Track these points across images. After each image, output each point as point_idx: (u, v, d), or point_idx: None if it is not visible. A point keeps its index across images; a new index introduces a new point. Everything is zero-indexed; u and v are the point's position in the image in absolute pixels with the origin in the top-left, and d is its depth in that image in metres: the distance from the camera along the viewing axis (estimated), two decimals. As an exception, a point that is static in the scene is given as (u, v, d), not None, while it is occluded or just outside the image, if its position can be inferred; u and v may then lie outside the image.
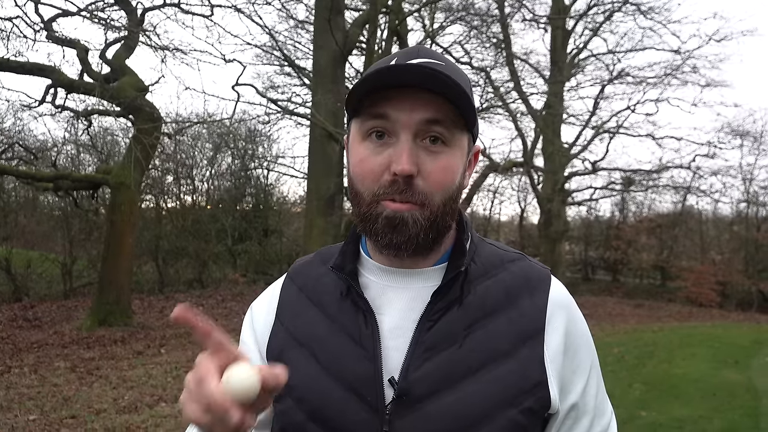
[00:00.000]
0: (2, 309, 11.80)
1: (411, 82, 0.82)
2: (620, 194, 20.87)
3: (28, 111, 12.06)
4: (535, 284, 0.94)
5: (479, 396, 0.84)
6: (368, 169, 0.86)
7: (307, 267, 1.03)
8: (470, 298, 0.90)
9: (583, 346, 0.94)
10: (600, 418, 0.94)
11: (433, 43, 15.05)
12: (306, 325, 0.94)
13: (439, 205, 0.86)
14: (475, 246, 0.96)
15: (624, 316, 14.39)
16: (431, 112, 0.83)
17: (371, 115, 0.85)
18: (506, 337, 0.87)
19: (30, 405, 5.67)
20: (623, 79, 16.70)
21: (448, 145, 0.86)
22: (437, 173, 0.85)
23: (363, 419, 0.85)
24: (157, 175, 17.53)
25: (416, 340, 0.87)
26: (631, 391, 6.47)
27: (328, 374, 0.88)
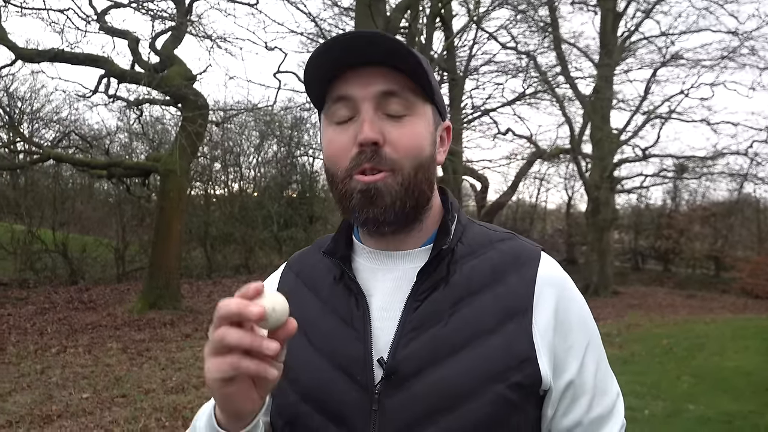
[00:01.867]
0: (60, 291, 12.31)
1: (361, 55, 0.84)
2: (672, 182, 20.28)
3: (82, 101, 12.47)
4: (524, 261, 0.93)
5: (465, 372, 0.84)
6: (337, 147, 0.89)
7: (304, 255, 1.07)
8: (456, 277, 0.90)
9: (578, 324, 0.92)
10: (601, 397, 0.92)
11: (479, 29, 14.87)
12: (301, 309, 0.94)
13: (410, 171, 0.87)
14: (462, 227, 0.96)
15: (674, 307, 14.00)
16: (388, 84, 0.86)
17: (333, 100, 0.89)
18: (492, 313, 0.88)
19: (84, 384, 5.91)
20: (677, 62, 16.18)
21: (410, 114, 0.88)
22: (403, 140, 0.87)
23: (353, 399, 0.86)
24: (206, 163, 17.93)
25: (404, 319, 0.88)
26: (678, 384, 6.31)
27: (321, 356, 0.90)
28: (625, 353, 8.09)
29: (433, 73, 0.91)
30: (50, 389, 5.66)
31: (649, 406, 5.50)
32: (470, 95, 16.54)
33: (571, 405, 0.90)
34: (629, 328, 10.27)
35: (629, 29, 16.78)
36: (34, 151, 12.75)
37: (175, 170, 10.33)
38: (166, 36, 11.35)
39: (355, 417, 0.86)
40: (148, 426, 4.77)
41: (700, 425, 4.90)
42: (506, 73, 15.72)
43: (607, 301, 14.61)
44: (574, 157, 17.09)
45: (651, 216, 22.61)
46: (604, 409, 0.92)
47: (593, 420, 0.91)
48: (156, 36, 11.31)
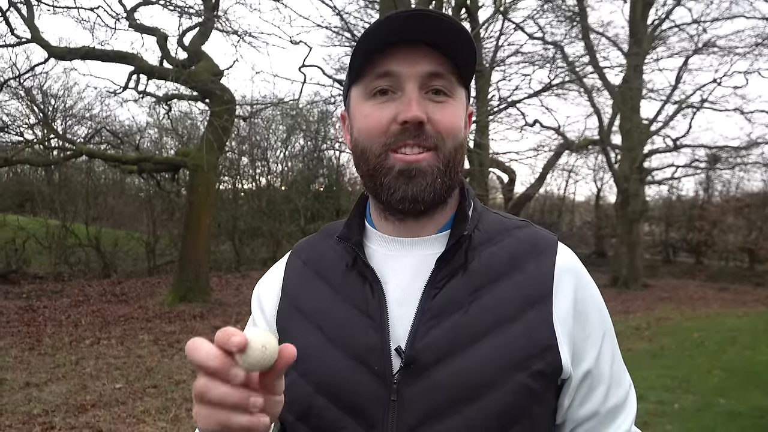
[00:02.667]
0: (93, 284, 12.59)
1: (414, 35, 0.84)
2: (705, 172, 19.88)
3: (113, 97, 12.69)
4: (541, 249, 0.92)
5: (487, 361, 0.83)
6: (375, 121, 0.87)
7: (310, 242, 1.04)
8: (474, 264, 0.89)
9: (595, 313, 0.92)
10: (616, 387, 0.92)
11: (505, 19, 14.72)
12: (311, 298, 0.94)
13: (451, 151, 0.88)
14: (478, 214, 0.95)
15: (706, 300, 13.75)
16: (434, 65, 0.86)
17: (375, 75, 0.87)
18: (512, 301, 0.86)
19: (116, 374, 6.05)
20: (709, 50, 15.84)
21: (450, 96, 0.88)
22: (445, 120, 0.87)
23: (371, 390, 0.84)
24: (234, 157, 18.12)
25: (422, 307, 0.86)
26: (709, 378, 6.21)
27: (334, 345, 0.88)
28: (655, 346, 7.98)
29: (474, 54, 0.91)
30: (84, 380, 5.81)
31: (679, 400, 5.43)
32: (497, 87, 16.41)
33: (588, 395, 0.90)
34: (659, 321, 10.13)
35: (660, 17, 16.45)
36: (68, 148, 13.04)
37: (203, 165, 10.47)
38: (194, 32, 11.49)
39: (372, 408, 0.84)
40: (179, 416, 4.87)
41: (730, 420, 4.82)
42: (533, 63, 15.55)
43: (636, 294, 14.41)
44: (603, 148, 16.84)
45: (683, 207, 22.22)
46: (619, 399, 0.92)
47: (609, 410, 0.91)
48: (184, 32, 11.45)
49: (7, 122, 15.08)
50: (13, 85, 13.38)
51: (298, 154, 19.70)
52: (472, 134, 13.91)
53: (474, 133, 13.82)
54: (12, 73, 12.73)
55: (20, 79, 12.87)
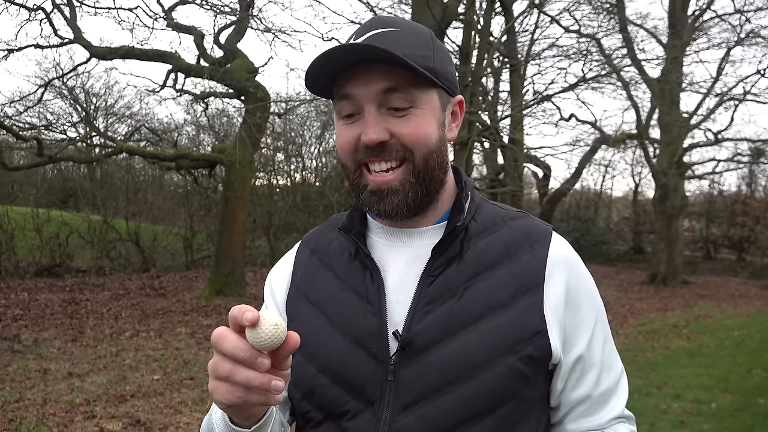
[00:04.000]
0: (133, 278, 12.91)
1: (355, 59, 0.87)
2: (748, 167, 19.33)
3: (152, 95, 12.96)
4: (536, 239, 0.95)
5: (478, 344, 0.87)
6: (344, 142, 0.93)
7: (318, 233, 1.09)
8: (470, 253, 0.93)
9: (587, 301, 0.95)
10: (608, 372, 0.96)
11: (540, 12, 14.54)
12: (317, 285, 1.00)
13: (421, 160, 0.90)
14: (476, 205, 0.99)
15: (748, 297, 13.39)
16: (387, 82, 0.88)
17: (339, 97, 0.92)
18: (505, 288, 0.91)
19: (155, 366, 6.22)
20: (752, 40, 15.35)
21: (413, 106, 0.90)
22: (409, 134, 0.89)
23: (369, 370, 0.90)
24: (269, 154, 18.33)
25: (418, 294, 0.91)
26: (749, 377, 6.07)
27: (337, 329, 0.94)
28: (694, 345, 7.83)
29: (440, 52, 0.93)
30: (124, 371, 5.98)
31: (716, 400, 5.33)
32: (532, 81, 16.21)
33: (580, 379, 0.94)
34: (698, 319, 9.91)
35: (700, 7, 16.03)
36: (109, 145, 13.38)
37: (238, 161, 10.63)
38: (229, 30, 11.65)
39: (371, 387, 0.90)
40: (214, 407, 4.98)
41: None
42: (569, 57, 15.30)
43: (675, 291, 14.12)
44: (641, 142, 16.53)
45: (724, 203, 21.66)
46: (611, 384, 0.96)
47: (601, 393, 0.95)
48: (219, 31, 11.63)
49: (52, 121, 15.56)
50: (57, 85, 13.81)
51: (332, 150, 19.82)
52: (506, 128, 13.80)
53: (508, 128, 13.70)
54: (56, 72, 13.11)
55: (63, 78, 13.26)
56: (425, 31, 0.94)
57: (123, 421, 4.59)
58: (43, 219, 14.00)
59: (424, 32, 0.93)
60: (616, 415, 0.96)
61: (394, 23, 0.91)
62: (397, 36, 0.89)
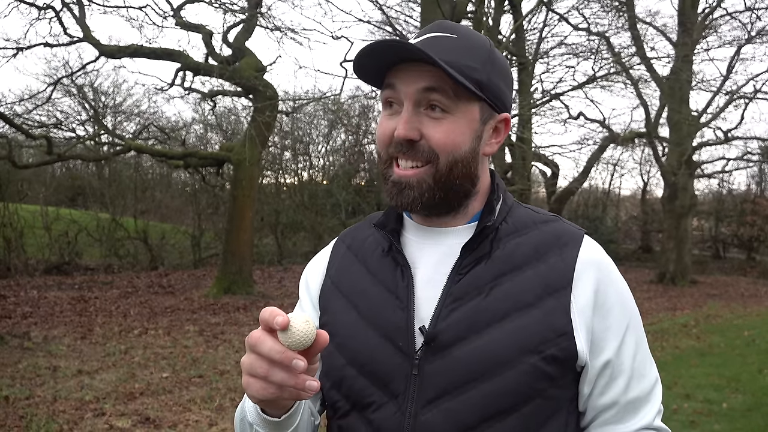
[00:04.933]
0: (141, 276, 12.97)
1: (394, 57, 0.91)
2: (758, 165, 19.19)
3: (160, 94, 12.99)
4: (566, 242, 0.96)
5: (502, 342, 0.88)
6: (381, 132, 0.96)
7: (355, 229, 1.13)
8: (498, 253, 0.94)
9: (618, 306, 0.94)
10: (639, 380, 0.94)
11: (549, 10, 14.47)
12: (350, 279, 1.03)
13: (445, 166, 0.92)
14: (508, 207, 1.00)
15: (758, 297, 13.30)
16: (429, 81, 0.90)
17: (385, 86, 0.95)
18: (532, 289, 0.91)
19: (163, 364, 6.23)
20: (763, 38, 15.21)
21: (449, 112, 0.92)
22: (438, 137, 0.91)
23: (395, 364, 0.92)
24: (276, 152, 18.35)
25: (446, 291, 0.93)
26: (760, 377, 6.03)
27: (367, 323, 0.97)
28: (703, 344, 7.78)
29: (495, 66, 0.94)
30: (133, 368, 6.00)
31: (727, 400, 5.29)
32: (540, 79, 16.16)
33: (608, 385, 0.93)
34: (708, 319, 9.86)
35: (710, 5, 15.90)
36: (117, 143, 13.41)
37: (246, 160, 10.64)
38: (238, 29, 11.66)
39: (396, 381, 0.92)
40: (223, 405, 4.99)
41: (782, 421, 4.67)
42: (578, 55, 15.25)
43: (684, 290, 14.05)
44: (650, 141, 16.42)
45: (734, 202, 21.50)
46: (642, 392, 0.95)
47: (630, 401, 0.94)
48: (228, 29, 11.64)
49: (61, 119, 15.60)
50: (66, 83, 13.83)
51: (339, 148, 19.86)
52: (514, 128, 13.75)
53: (516, 126, 13.65)
54: (65, 71, 13.15)
55: (72, 77, 13.29)
56: (484, 44, 0.95)
57: (132, 419, 4.60)
58: (52, 217, 14.08)
59: (482, 44, 0.94)
60: (645, 425, 0.94)
61: (455, 30, 0.94)
62: (451, 43, 0.91)
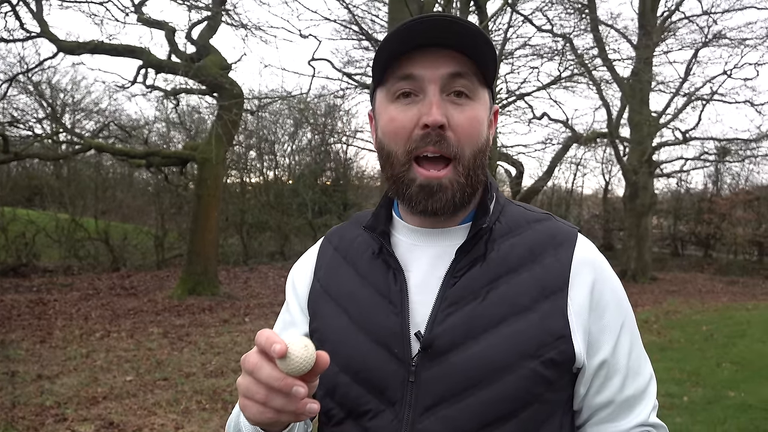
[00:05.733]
0: (102, 278, 12.67)
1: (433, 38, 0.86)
2: (714, 165, 19.74)
3: (121, 91, 12.70)
4: (560, 242, 0.94)
5: (501, 347, 0.86)
6: (399, 126, 0.89)
7: (343, 229, 1.08)
8: (493, 255, 0.92)
9: (613, 305, 0.93)
10: (634, 378, 0.94)
11: (513, 11, 14.63)
12: (339, 283, 0.99)
13: (470, 158, 0.89)
14: (501, 206, 0.98)
15: (715, 293, 13.69)
16: (455, 66, 0.87)
17: (398, 78, 0.89)
18: (528, 291, 0.89)
19: (127, 367, 6.10)
20: (719, 42, 15.65)
21: (472, 98, 0.89)
22: (465, 125, 0.88)
23: (391, 371, 0.89)
24: (241, 151, 18.15)
25: (441, 295, 0.90)
26: (719, 371, 6.20)
27: (359, 328, 0.93)
28: (664, 340, 7.97)
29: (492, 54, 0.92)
30: (95, 372, 5.85)
31: (688, 393, 5.42)
32: (505, 80, 16.31)
33: (604, 384, 0.92)
34: (668, 315, 10.10)
35: (669, 9, 16.31)
36: (76, 142, 13.09)
37: (211, 159, 10.50)
38: (202, 26, 11.49)
39: (392, 388, 0.89)
40: (189, 408, 4.90)
41: (741, 412, 4.81)
42: (542, 56, 15.44)
43: (644, 287, 14.37)
44: (612, 141, 16.75)
45: (691, 201, 22.07)
46: (637, 390, 0.94)
47: (625, 399, 0.93)
48: (192, 26, 11.46)
49: (17, 117, 15.12)
50: (22, 80, 13.42)
51: (305, 147, 19.74)
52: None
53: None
54: (21, 67, 12.76)
55: (29, 73, 12.91)
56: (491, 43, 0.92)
57: (96, 424, 4.49)
58: (8, 218, 13.66)
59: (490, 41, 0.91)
60: (640, 422, 0.94)
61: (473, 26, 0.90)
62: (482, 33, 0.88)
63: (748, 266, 19.07)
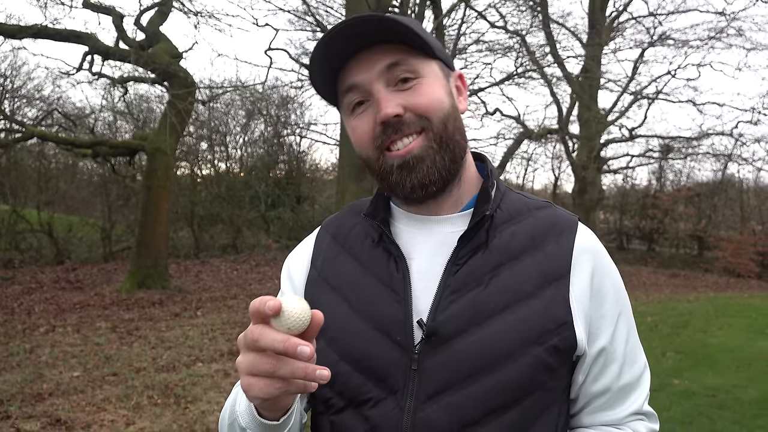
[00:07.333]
0: (46, 271, 12.21)
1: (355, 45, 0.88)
2: (658, 162, 20.44)
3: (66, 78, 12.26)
4: (561, 229, 0.95)
5: (504, 334, 0.86)
6: (362, 132, 0.92)
7: (339, 218, 1.08)
8: (496, 242, 0.92)
9: (612, 292, 0.95)
10: (630, 366, 0.96)
11: (468, 7, 14.75)
12: (338, 271, 0.98)
13: (439, 124, 0.89)
14: (501, 194, 0.98)
15: (659, 285, 14.20)
16: (388, 58, 0.88)
17: (344, 92, 0.92)
18: (531, 278, 0.89)
19: (74, 362, 5.90)
20: (664, 42, 16.19)
21: (420, 76, 0.90)
22: (421, 101, 0.89)
23: (393, 359, 0.88)
24: (192, 142, 17.76)
25: (444, 283, 0.90)
26: (664, 360, 6.43)
27: (360, 317, 0.92)
28: (612, 331, 8.21)
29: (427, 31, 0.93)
30: (40, 368, 5.64)
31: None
32: (458, 75, 16.45)
33: (602, 371, 0.93)
34: (615, 307, 10.40)
35: (617, 9, 16.77)
36: (17, 130, 12.55)
37: (162, 149, 10.23)
38: (152, 12, 11.16)
39: (394, 376, 0.88)
40: (141, 403, 4.78)
41: (684, 399, 5.00)
42: (495, 52, 15.65)
43: (592, 280, 14.76)
44: (562, 137, 17.14)
45: (636, 196, 22.80)
46: (633, 378, 0.96)
47: (622, 387, 0.95)
48: (142, 12, 11.11)
49: (-48, 102, 14.41)
50: (-42, 64, 12.79)
51: (258, 139, 19.46)
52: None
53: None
54: (-43, 51, 12.15)
55: (-34, 57, 12.31)
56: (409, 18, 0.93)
57: (41, 421, 4.33)
58: (-57, 208, 13.02)
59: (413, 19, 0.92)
60: (635, 410, 0.96)
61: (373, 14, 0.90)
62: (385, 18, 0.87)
63: (689, 260, 19.85)
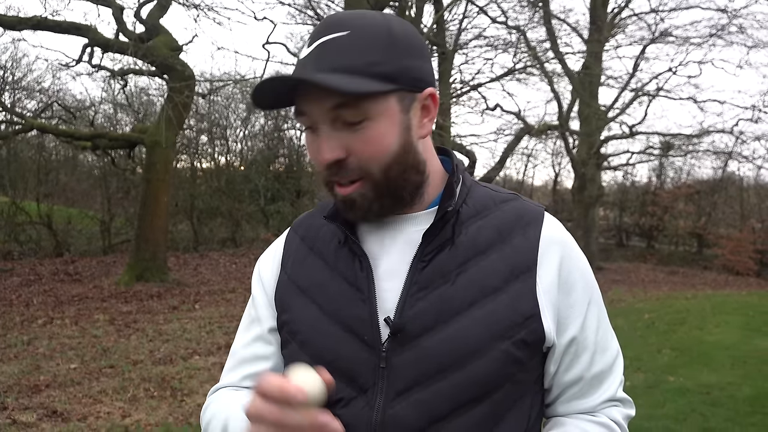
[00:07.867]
0: (45, 263, 12.24)
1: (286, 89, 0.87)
2: (658, 159, 20.43)
3: (66, 70, 12.25)
4: (528, 221, 0.94)
5: (472, 330, 0.86)
6: (312, 157, 0.92)
7: (308, 218, 1.07)
8: (462, 238, 0.91)
9: (580, 282, 0.94)
10: (602, 354, 0.96)
11: (469, 2, 14.73)
12: (307, 273, 0.98)
13: (379, 175, 0.88)
14: (467, 189, 0.96)
15: (657, 282, 14.22)
16: (335, 98, 0.84)
17: (296, 114, 0.91)
18: (498, 273, 0.89)
19: (71, 354, 5.92)
20: (666, 39, 16.16)
21: (367, 118, 0.86)
22: (364, 148, 0.87)
23: (362, 358, 0.89)
24: (192, 135, 17.76)
25: (410, 280, 0.90)
26: (659, 357, 6.44)
27: (329, 318, 0.93)
28: (608, 327, 8.22)
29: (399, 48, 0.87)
30: (37, 360, 5.67)
31: (630, 378, 5.62)
32: (459, 70, 16.44)
33: (573, 361, 0.94)
34: (612, 303, 10.42)
35: (619, 5, 16.72)
36: (17, 122, 12.55)
37: (161, 142, 10.24)
38: (152, 5, 11.15)
39: (364, 375, 0.89)
40: (137, 396, 4.80)
41: (679, 396, 5.01)
42: (495, 47, 15.62)
43: (591, 276, 14.79)
44: (562, 133, 17.13)
45: (636, 193, 22.80)
46: (605, 365, 0.96)
47: (594, 375, 0.95)
48: (141, 4, 11.10)
49: (-48, 94, 14.41)
50: (-42, 55, 12.78)
51: (258, 133, 19.44)
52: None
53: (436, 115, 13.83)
54: (-43, 42, 12.15)
55: (-34, 48, 12.30)
56: (379, 28, 0.86)
57: (38, 412, 4.35)
58: (-58, 200, 13.03)
59: (377, 30, 0.86)
60: (608, 397, 0.96)
61: (345, 24, 0.86)
62: (343, 42, 0.84)
63: (688, 257, 19.88)
